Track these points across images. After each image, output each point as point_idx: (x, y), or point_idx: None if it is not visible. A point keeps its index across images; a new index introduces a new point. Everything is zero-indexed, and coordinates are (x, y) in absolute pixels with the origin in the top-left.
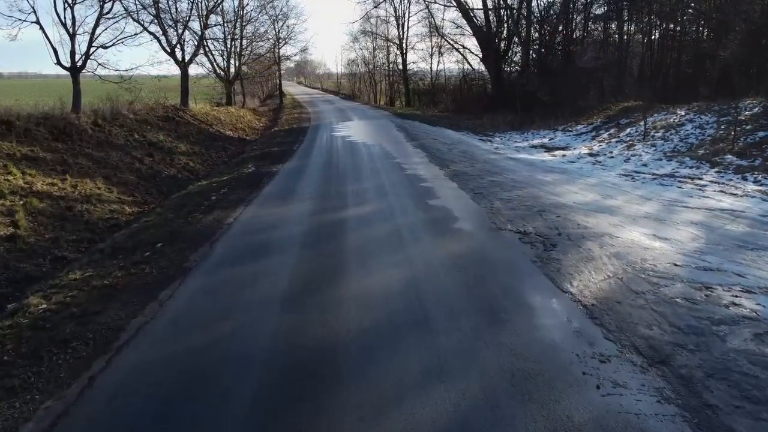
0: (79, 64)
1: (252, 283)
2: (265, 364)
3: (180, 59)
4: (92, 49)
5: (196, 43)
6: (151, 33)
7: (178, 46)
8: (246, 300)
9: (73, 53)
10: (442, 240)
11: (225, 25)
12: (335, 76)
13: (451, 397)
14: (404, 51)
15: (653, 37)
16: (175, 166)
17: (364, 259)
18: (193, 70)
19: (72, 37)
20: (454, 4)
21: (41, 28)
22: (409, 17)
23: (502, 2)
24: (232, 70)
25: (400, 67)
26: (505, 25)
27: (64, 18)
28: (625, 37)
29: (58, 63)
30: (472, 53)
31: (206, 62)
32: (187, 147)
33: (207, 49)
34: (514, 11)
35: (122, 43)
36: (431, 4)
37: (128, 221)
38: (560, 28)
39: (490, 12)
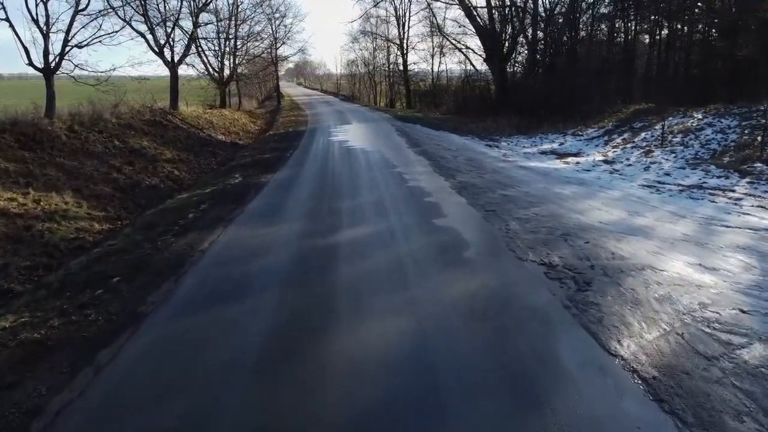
0: (53, 64)
1: (215, 340)
2: None
3: (169, 59)
4: (67, 48)
5: (186, 42)
6: (138, 32)
7: (167, 45)
8: (204, 368)
9: (46, 53)
10: (453, 275)
11: (218, 23)
12: (335, 76)
13: None
14: (405, 51)
15: (659, 36)
16: (157, 175)
17: (358, 303)
18: (186, 71)
19: (45, 35)
20: (456, 2)
21: (11, 25)
22: (409, 17)
23: (507, 0)
24: (227, 71)
25: (401, 67)
26: (510, 25)
27: (36, 15)
28: (630, 36)
29: (30, 64)
30: (476, 53)
31: (198, 63)
32: (173, 154)
33: (200, 49)
34: (520, 9)
35: (100, 42)
36: (433, 2)
37: (95, 241)
38: (567, 27)
39: (494, 11)
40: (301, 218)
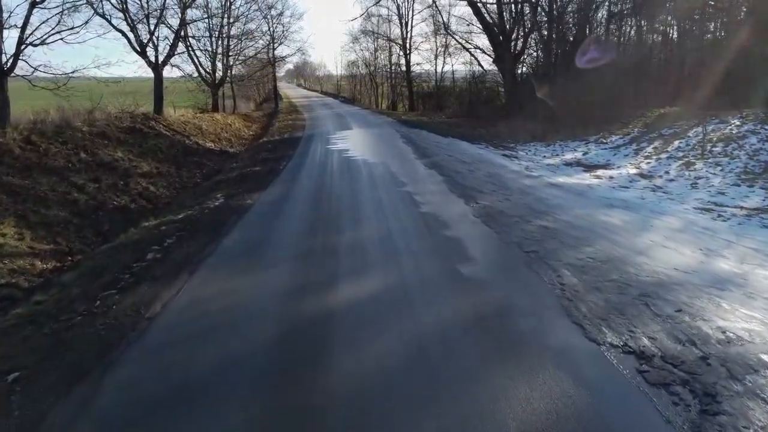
0: (7, 66)
1: None
2: None
3: (153, 60)
4: (23, 47)
5: (172, 41)
6: (116, 28)
7: (151, 44)
8: None
9: None
10: (503, 379)
11: (210, 20)
12: (335, 78)
13: None
14: (408, 51)
15: (672, 36)
16: (129, 193)
17: None
18: (171, 72)
19: None
20: None
21: None
22: (413, 15)
23: None
24: (219, 73)
25: (403, 68)
26: (521, 23)
27: None
28: (643, 35)
29: None
30: (484, 53)
31: (188, 63)
32: (151, 166)
33: (190, 49)
34: (532, 5)
35: (62, 39)
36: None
37: (31, 288)
38: (579, 26)
39: (504, 7)
40: (286, 263)
